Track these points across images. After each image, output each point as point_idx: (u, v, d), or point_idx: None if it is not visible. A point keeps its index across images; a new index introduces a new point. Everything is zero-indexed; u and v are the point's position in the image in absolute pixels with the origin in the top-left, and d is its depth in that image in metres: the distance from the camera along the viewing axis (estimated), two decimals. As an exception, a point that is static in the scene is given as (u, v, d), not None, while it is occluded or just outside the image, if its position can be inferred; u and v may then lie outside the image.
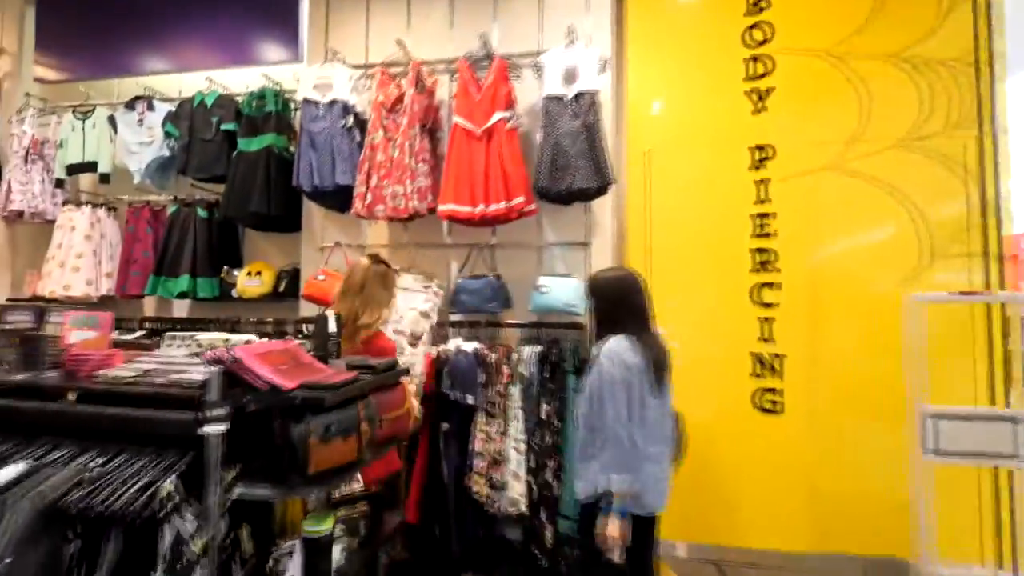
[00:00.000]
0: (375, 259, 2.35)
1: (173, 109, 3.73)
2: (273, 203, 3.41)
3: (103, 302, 3.86)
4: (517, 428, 2.73)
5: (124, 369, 1.58)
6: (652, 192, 3.17)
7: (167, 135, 3.71)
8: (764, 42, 3.05)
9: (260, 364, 1.43)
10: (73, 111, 3.90)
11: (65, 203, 3.87)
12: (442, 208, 2.95)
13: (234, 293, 3.65)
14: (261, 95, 3.56)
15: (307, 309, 3.48)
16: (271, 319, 3.54)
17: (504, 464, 2.71)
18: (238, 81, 3.78)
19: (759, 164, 3.03)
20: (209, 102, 3.64)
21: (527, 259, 3.29)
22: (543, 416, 2.74)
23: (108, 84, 4.12)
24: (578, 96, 2.96)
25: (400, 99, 3.10)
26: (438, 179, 3.12)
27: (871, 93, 2.93)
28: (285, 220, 3.56)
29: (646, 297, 2.08)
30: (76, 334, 1.69)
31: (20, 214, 3.85)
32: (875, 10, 2.94)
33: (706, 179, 3.09)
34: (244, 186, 3.43)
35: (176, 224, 3.65)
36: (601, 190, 2.95)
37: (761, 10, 3.06)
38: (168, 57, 4.01)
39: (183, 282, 3.53)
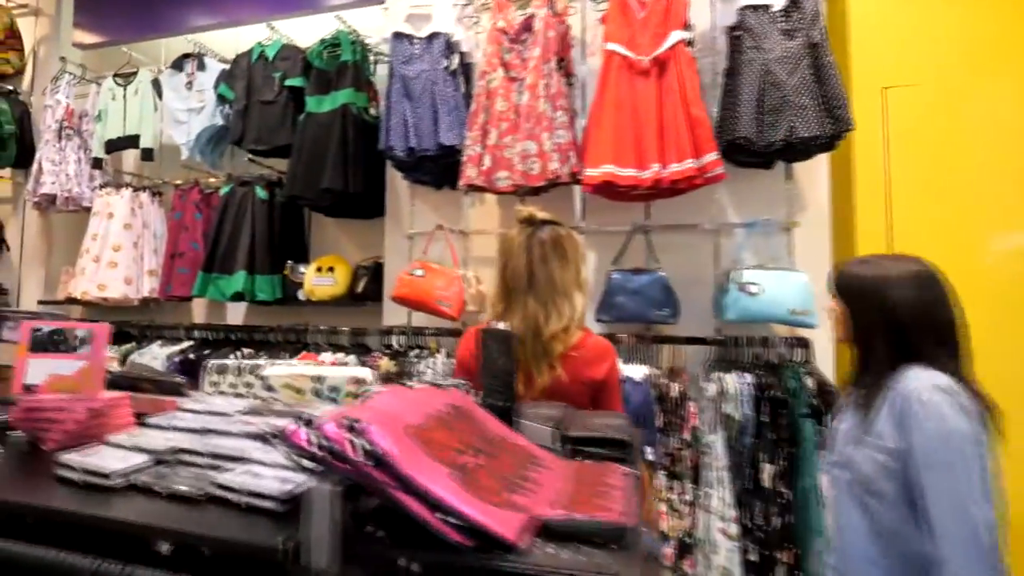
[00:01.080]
0: (529, 221, 1.44)
1: (227, 67, 3.01)
2: (351, 178, 2.60)
3: (144, 305, 3.18)
4: (723, 498, 1.80)
5: (119, 450, 0.75)
6: (891, 149, 2.18)
7: (220, 99, 2.99)
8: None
9: (429, 467, 0.56)
10: (114, 77, 3.24)
11: (103, 186, 3.21)
12: (593, 172, 2.06)
13: (300, 295, 2.87)
14: (335, 41, 2.77)
15: (394, 314, 2.66)
16: (347, 328, 2.73)
17: (703, 552, 1.79)
18: (306, 36, 3.00)
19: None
20: (271, 54, 2.89)
21: (696, 248, 2.36)
22: (765, 482, 1.79)
23: (155, 47, 3.45)
24: (793, 4, 2.02)
25: (527, 25, 2.24)
26: (577, 135, 2.23)
27: None
28: (365, 201, 2.76)
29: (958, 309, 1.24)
30: (39, 365, 0.88)
31: (52, 200, 3.22)
32: None
33: (994, 126, 2.07)
34: (314, 157, 2.65)
35: (230, 209, 2.91)
36: (831, 141, 1.99)
37: None
38: (222, 9, 3.30)
39: (238, 280, 2.78)
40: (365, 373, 0.96)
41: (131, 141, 3.13)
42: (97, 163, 3.23)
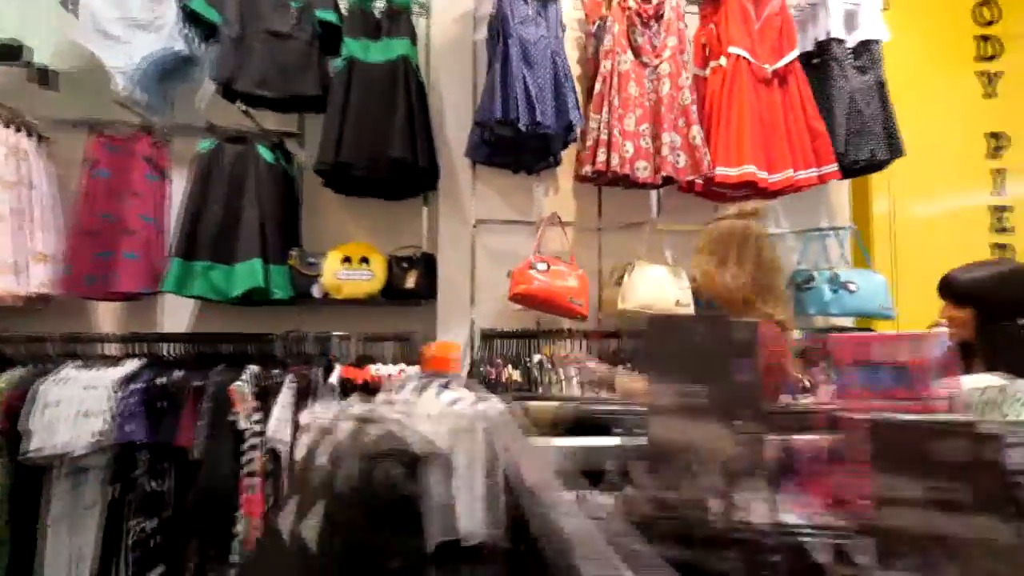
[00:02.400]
0: (746, 213, 1.49)
1: (200, -26, 2.16)
2: (419, 149, 2.14)
3: (29, 306, 2.07)
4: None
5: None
6: (894, 178, 2.70)
7: (191, 17, 2.14)
8: (991, 23, 2.83)
9: None
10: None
11: None
12: (729, 171, 2.09)
13: (315, 291, 2.23)
14: (379, -26, 2.24)
15: (454, 316, 2.27)
16: (391, 335, 2.23)
17: None
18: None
19: (994, 153, 2.78)
20: (284, -28, 2.18)
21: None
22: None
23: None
24: (862, 45, 2.37)
25: (658, 12, 2.15)
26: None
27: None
28: (416, 177, 2.28)
29: None
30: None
31: None
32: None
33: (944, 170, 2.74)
34: (370, 118, 2.10)
35: (217, 173, 2.09)
36: (884, 165, 2.40)
37: (989, -14, 2.84)
38: None
39: (249, 272, 2.01)
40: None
41: (9, 52, 2.00)
42: (-78, 77, 1.98)
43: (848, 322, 2.44)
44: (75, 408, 1.82)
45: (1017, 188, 2.77)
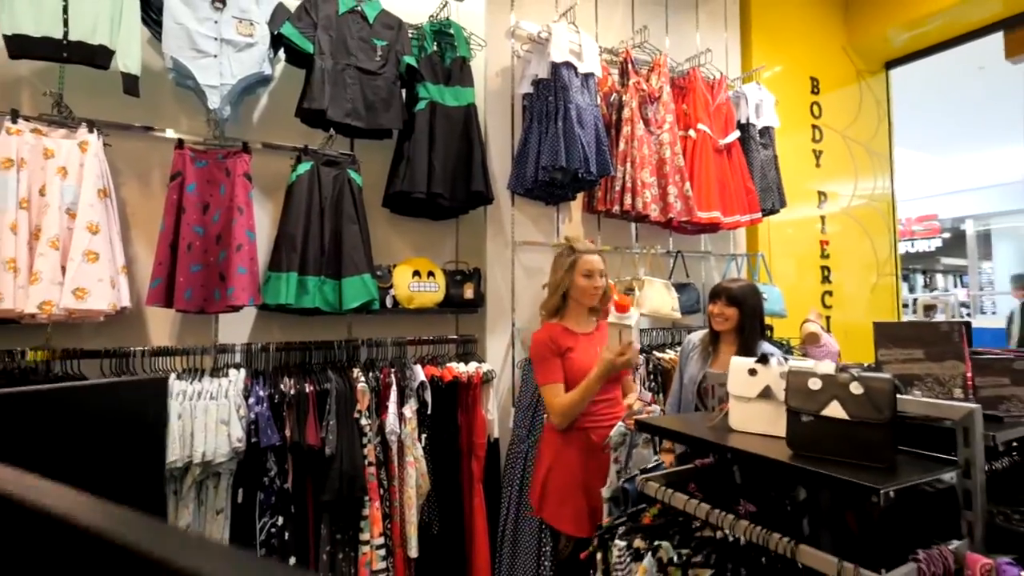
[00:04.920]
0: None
1: (296, 5, 2.29)
2: (488, 185, 2.58)
3: (113, 319, 2.02)
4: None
5: None
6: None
7: (280, 42, 2.25)
8: (818, 117, 4.21)
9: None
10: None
11: (17, 116, 1.82)
12: (703, 215, 2.94)
13: (388, 301, 2.52)
14: (446, 27, 2.61)
15: (498, 320, 2.75)
16: (453, 338, 2.64)
17: None
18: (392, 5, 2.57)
19: (820, 204, 4.16)
20: (371, 15, 2.41)
21: (695, 267, 3.52)
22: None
23: None
24: (764, 129, 3.44)
25: (659, 94, 2.89)
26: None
27: (857, 165, 4.45)
28: (474, 204, 2.69)
29: None
30: None
31: None
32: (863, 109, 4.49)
33: (794, 215, 4.03)
34: (452, 155, 2.49)
35: (315, 192, 2.26)
36: (776, 212, 3.51)
37: (817, 92, 4.22)
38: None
39: (363, 286, 2.24)
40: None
41: (86, 53, 1.91)
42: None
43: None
44: (212, 418, 1.90)
45: (832, 227, 4.20)
